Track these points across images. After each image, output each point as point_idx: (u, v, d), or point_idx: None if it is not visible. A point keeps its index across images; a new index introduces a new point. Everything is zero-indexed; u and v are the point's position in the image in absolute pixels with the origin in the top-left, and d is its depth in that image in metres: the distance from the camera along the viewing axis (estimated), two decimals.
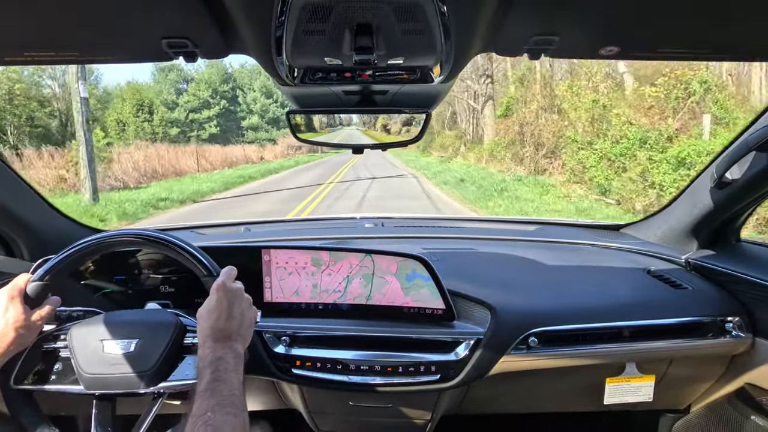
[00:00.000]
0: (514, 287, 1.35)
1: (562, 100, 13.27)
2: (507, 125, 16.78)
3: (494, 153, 16.81)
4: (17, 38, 0.72)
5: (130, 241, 1.04)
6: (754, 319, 1.27)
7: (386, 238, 1.82)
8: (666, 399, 1.32)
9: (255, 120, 42.71)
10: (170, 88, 40.46)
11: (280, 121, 42.38)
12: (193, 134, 38.07)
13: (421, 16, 0.66)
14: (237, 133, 41.95)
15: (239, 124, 42.89)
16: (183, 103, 39.21)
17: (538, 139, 13.87)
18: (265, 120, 42.95)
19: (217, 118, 40.47)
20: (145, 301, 1.28)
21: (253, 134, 42.18)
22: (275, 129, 42.72)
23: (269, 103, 43.02)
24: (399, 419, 1.40)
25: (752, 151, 1.18)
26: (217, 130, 39.69)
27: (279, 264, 1.25)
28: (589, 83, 12.57)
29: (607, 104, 11.23)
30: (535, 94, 14.96)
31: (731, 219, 1.42)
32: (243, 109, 43.49)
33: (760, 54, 0.81)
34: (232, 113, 42.74)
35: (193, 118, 39.18)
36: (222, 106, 40.92)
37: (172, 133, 35.29)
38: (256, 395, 1.45)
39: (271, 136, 41.41)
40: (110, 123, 30.51)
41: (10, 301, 0.92)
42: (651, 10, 0.67)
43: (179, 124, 37.78)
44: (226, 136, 39.21)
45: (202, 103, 40.03)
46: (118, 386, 0.97)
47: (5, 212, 1.31)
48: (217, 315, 0.87)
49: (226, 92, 42.07)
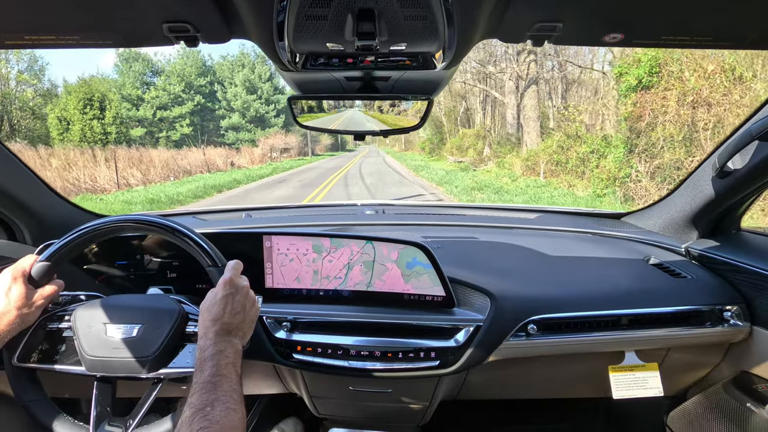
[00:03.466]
0: (514, 275, 1.36)
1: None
2: (644, 103, 8.71)
3: (592, 159, 10.56)
4: (18, 22, 0.72)
5: (133, 226, 1.04)
6: (753, 308, 1.28)
7: (387, 225, 1.82)
8: (664, 386, 1.33)
9: (236, 119, 37.08)
10: (134, 81, 33.68)
11: (264, 120, 37.86)
12: (162, 135, 33.25)
13: (424, 1, 0.65)
14: (215, 134, 37.03)
15: (218, 124, 37.41)
16: (150, 99, 33.21)
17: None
18: (247, 119, 37.54)
19: (191, 116, 34.81)
20: (147, 285, 1.29)
21: (234, 135, 36.82)
22: (259, 129, 37.49)
23: (252, 100, 37.56)
24: (398, 404, 1.42)
25: (754, 140, 1.17)
26: (190, 130, 34.14)
27: (280, 250, 1.25)
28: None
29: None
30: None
31: (732, 208, 1.42)
32: (222, 107, 37.74)
33: (762, 42, 0.80)
34: (209, 111, 37.24)
35: (162, 117, 33.38)
36: (197, 103, 35.13)
37: (136, 134, 30.42)
38: (257, 380, 1.47)
39: (253, 137, 35.97)
40: (51, 121, 25.51)
41: (13, 281, 0.94)
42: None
43: (146, 123, 32.71)
44: (202, 137, 34.64)
45: (172, 99, 34.25)
46: (119, 370, 0.98)
47: (8, 197, 1.31)
48: (221, 309, 0.88)
49: (202, 87, 36.30)
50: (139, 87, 33.70)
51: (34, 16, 0.70)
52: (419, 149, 32.90)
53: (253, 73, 37.99)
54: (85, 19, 0.73)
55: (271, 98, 38.57)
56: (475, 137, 21.35)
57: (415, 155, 30.14)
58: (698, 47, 0.81)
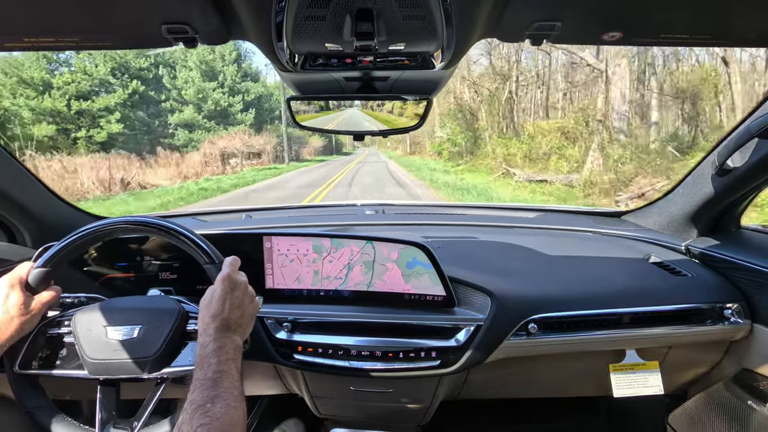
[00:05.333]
0: (515, 274, 1.36)
1: None
2: None
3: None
4: (17, 24, 0.72)
5: (132, 228, 1.04)
6: (753, 306, 1.28)
7: (387, 225, 1.82)
8: (664, 384, 1.34)
9: (189, 113, 26.75)
10: (39, 60, 21.44)
11: (227, 115, 28.15)
12: (81, 135, 22.19)
13: (423, 1, 0.65)
14: (161, 133, 26.66)
15: (166, 120, 26.90)
16: (62, 85, 21.85)
17: None
18: (204, 114, 27.24)
19: (125, 109, 23.81)
20: (147, 287, 1.29)
21: (185, 134, 26.58)
22: (221, 127, 27.29)
23: (210, 88, 27.44)
24: (399, 404, 1.42)
25: (754, 138, 1.17)
26: (121, 127, 23.02)
27: (280, 251, 1.25)
28: None
29: None
30: None
31: (732, 206, 1.42)
32: (172, 97, 27.21)
33: (761, 40, 0.80)
34: (152, 102, 26.36)
35: (82, 109, 22.16)
36: (134, 91, 24.21)
37: (40, 132, 19.82)
38: (258, 380, 1.47)
39: (213, 138, 25.70)
40: None
41: (10, 288, 0.94)
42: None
43: (59, 118, 21.58)
44: (142, 137, 24.90)
45: (95, 85, 23.15)
46: (122, 371, 0.98)
47: (7, 199, 1.31)
48: (220, 305, 0.88)
49: (143, 70, 25.52)
50: (45, 68, 21.74)
51: (33, 19, 0.70)
52: (434, 153, 24.58)
53: (213, 53, 28.29)
54: (85, 21, 0.73)
55: (238, 86, 29.11)
56: (561, 134, 12.58)
57: (428, 161, 22.64)
58: (697, 45, 0.82)
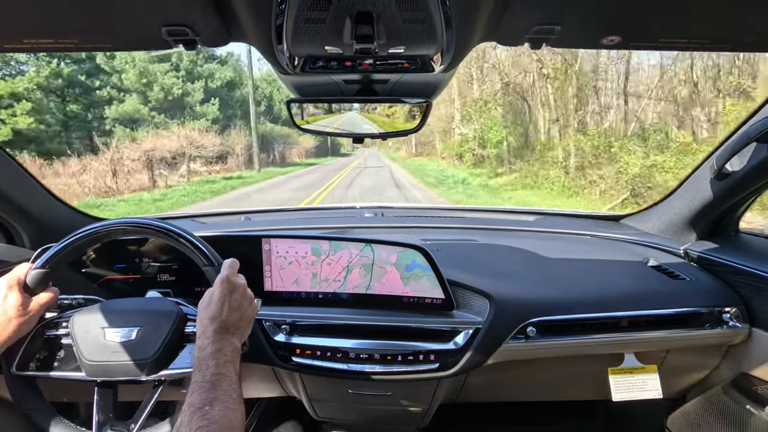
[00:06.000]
0: (513, 277, 1.36)
1: None
2: None
3: None
4: (18, 25, 0.72)
5: (131, 229, 1.04)
6: (751, 310, 1.28)
7: (386, 227, 1.82)
8: (663, 388, 1.33)
9: (132, 104, 20.17)
10: None
11: (184, 106, 21.55)
12: None
13: (422, 4, 0.65)
14: (96, 128, 19.97)
15: (101, 114, 19.98)
16: None
17: None
18: (152, 104, 20.84)
19: (41, 98, 17.00)
20: (145, 289, 1.29)
21: (126, 133, 19.27)
22: (174, 121, 20.22)
23: (160, 72, 21.05)
24: (398, 407, 1.41)
25: (752, 142, 1.18)
26: (33, 121, 16.07)
27: (279, 253, 1.25)
28: None
29: None
30: None
31: (730, 210, 1.43)
32: (109, 83, 20.51)
33: (761, 45, 0.80)
34: (84, 91, 19.82)
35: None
36: (54, 73, 17.93)
37: None
38: (256, 383, 1.46)
39: (138, 137, 18.14)
40: None
41: (8, 289, 0.94)
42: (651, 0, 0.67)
43: None
44: (67, 134, 18.57)
45: (2, 67, 16.90)
46: (119, 373, 0.98)
47: (6, 200, 1.31)
48: (218, 307, 0.88)
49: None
50: None
51: (33, 20, 0.70)
52: (450, 155, 19.53)
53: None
54: (85, 22, 0.73)
55: (198, 70, 22.72)
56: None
57: (443, 166, 18.65)
58: (696, 50, 0.82)
